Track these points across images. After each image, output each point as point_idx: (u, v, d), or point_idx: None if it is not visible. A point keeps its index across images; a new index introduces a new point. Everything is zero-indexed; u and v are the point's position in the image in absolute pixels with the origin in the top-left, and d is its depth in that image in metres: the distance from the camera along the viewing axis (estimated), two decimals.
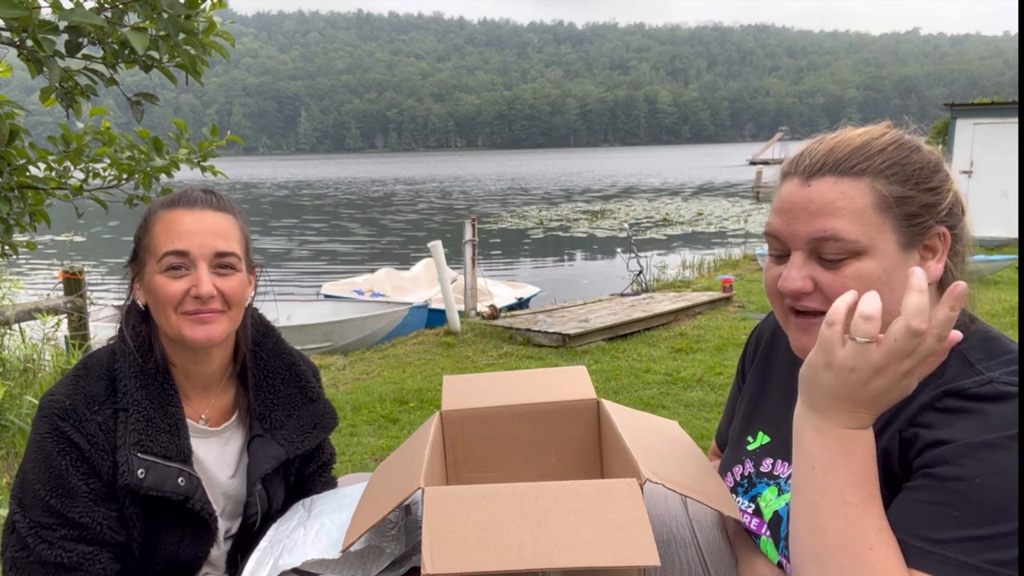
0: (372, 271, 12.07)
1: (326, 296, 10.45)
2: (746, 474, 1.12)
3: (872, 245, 0.89)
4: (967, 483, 0.80)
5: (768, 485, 1.07)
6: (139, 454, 1.22)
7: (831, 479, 0.84)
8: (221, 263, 1.27)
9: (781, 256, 0.96)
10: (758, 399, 1.19)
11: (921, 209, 0.91)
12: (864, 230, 0.89)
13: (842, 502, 0.83)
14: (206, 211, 1.28)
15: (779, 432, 1.11)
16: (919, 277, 0.79)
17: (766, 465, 1.10)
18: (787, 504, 1.02)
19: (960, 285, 0.77)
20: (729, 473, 1.15)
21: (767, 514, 1.05)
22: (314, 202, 38.96)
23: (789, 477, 1.05)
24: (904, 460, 0.88)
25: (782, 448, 1.09)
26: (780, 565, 1.04)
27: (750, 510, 1.09)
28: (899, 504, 0.85)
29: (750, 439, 1.16)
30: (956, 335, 0.80)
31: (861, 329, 0.80)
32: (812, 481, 0.85)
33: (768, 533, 1.05)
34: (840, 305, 0.83)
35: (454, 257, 11.15)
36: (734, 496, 1.12)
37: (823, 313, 0.89)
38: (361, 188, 50.68)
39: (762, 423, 1.15)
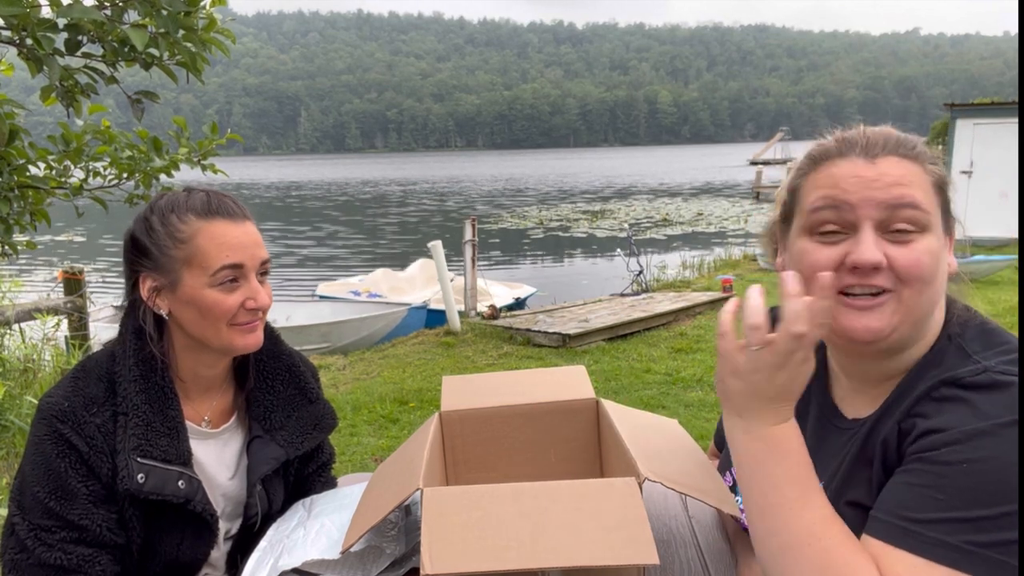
0: (366, 272, 12.06)
1: (321, 297, 10.45)
2: None
3: (934, 223, 0.91)
4: (954, 468, 0.81)
5: None
6: (139, 459, 1.22)
7: (770, 480, 0.87)
8: (263, 271, 1.31)
9: (835, 233, 0.92)
10: None
11: (949, 201, 0.95)
12: (930, 203, 0.91)
13: (784, 498, 0.86)
14: (244, 221, 1.30)
15: None
16: (792, 282, 0.85)
17: None
18: None
19: (825, 276, 0.86)
20: (728, 472, 1.15)
21: None
22: (304, 203, 38.87)
23: None
24: (901, 449, 0.89)
25: None
26: None
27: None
28: (888, 487, 0.87)
29: None
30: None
31: (753, 338, 0.86)
32: (755, 484, 0.88)
33: None
34: (726, 316, 0.90)
35: (452, 257, 11.15)
36: (732, 495, 1.12)
37: (887, 291, 0.90)
38: (355, 190, 50.49)
39: None
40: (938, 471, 0.82)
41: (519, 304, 10.12)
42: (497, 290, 10.40)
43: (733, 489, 1.13)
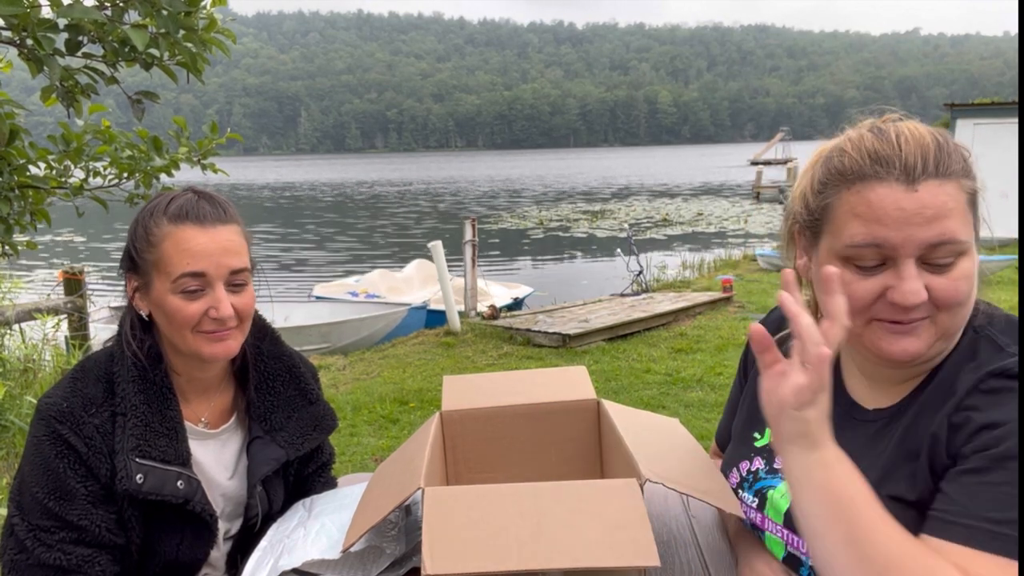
0: (361, 274, 12.05)
1: (318, 298, 10.43)
2: (753, 470, 1.12)
3: (970, 243, 0.90)
4: None
5: (782, 479, 1.07)
6: (137, 459, 1.21)
7: (855, 506, 0.82)
8: (235, 280, 1.26)
9: (874, 267, 0.91)
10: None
11: (978, 200, 0.93)
12: (967, 229, 0.89)
13: (871, 521, 0.82)
14: (217, 227, 1.25)
15: None
16: (835, 281, 0.84)
17: (778, 461, 1.09)
18: None
19: (828, 270, 0.84)
20: (735, 468, 1.15)
21: (782, 506, 1.04)
22: (298, 205, 38.74)
23: None
24: (952, 444, 0.88)
25: None
26: (788, 559, 1.03)
27: (754, 504, 1.09)
28: (959, 488, 0.84)
29: (757, 435, 1.15)
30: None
31: (812, 355, 0.82)
32: (841, 515, 0.82)
33: (774, 529, 1.05)
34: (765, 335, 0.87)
35: (450, 258, 11.15)
36: (739, 491, 1.12)
37: (925, 318, 0.90)
38: (351, 191, 50.19)
39: None
40: (1010, 467, 0.81)
41: (517, 304, 10.12)
42: (495, 290, 10.40)
43: (740, 485, 1.12)
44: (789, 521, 1.02)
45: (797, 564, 1.02)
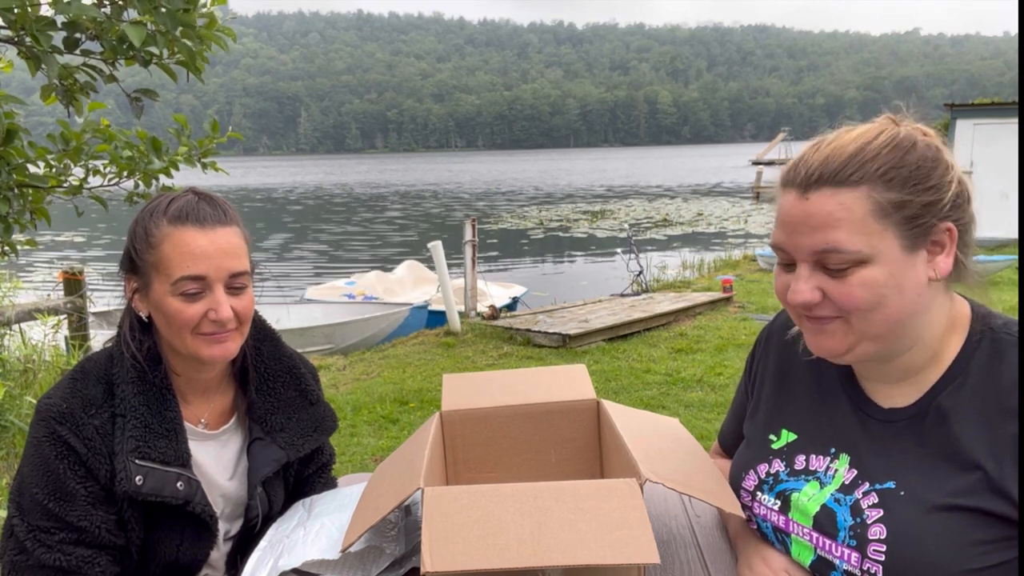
0: (349, 276, 12.07)
1: (309, 300, 10.41)
2: (772, 472, 1.10)
3: (875, 253, 0.90)
4: None
5: (807, 481, 1.06)
6: (137, 460, 1.21)
7: None
8: (235, 283, 1.25)
9: (789, 265, 0.99)
10: (777, 398, 1.17)
11: (922, 210, 0.91)
12: (866, 239, 0.90)
13: None
14: (217, 228, 1.24)
15: (805, 429, 1.11)
16: None
17: (799, 462, 1.08)
18: (832, 495, 1.01)
19: None
20: (752, 471, 1.13)
21: (810, 508, 1.02)
22: (286, 207, 38.50)
23: (827, 470, 1.04)
24: None
25: (812, 443, 1.08)
26: (818, 563, 1.01)
27: (776, 507, 1.07)
28: None
29: (773, 437, 1.14)
30: None
31: None
32: None
33: (801, 532, 1.03)
34: None
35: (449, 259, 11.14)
36: (758, 493, 1.10)
37: (836, 318, 0.95)
38: (338, 192, 49.79)
39: (786, 421, 1.14)
40: None
41: (513, 304, 10.13)
42: (492, 290, 10.41)
43: (759, 488, 1.11)
44: (818, 524, 1.01)
45: (828, 568, 1.00)
